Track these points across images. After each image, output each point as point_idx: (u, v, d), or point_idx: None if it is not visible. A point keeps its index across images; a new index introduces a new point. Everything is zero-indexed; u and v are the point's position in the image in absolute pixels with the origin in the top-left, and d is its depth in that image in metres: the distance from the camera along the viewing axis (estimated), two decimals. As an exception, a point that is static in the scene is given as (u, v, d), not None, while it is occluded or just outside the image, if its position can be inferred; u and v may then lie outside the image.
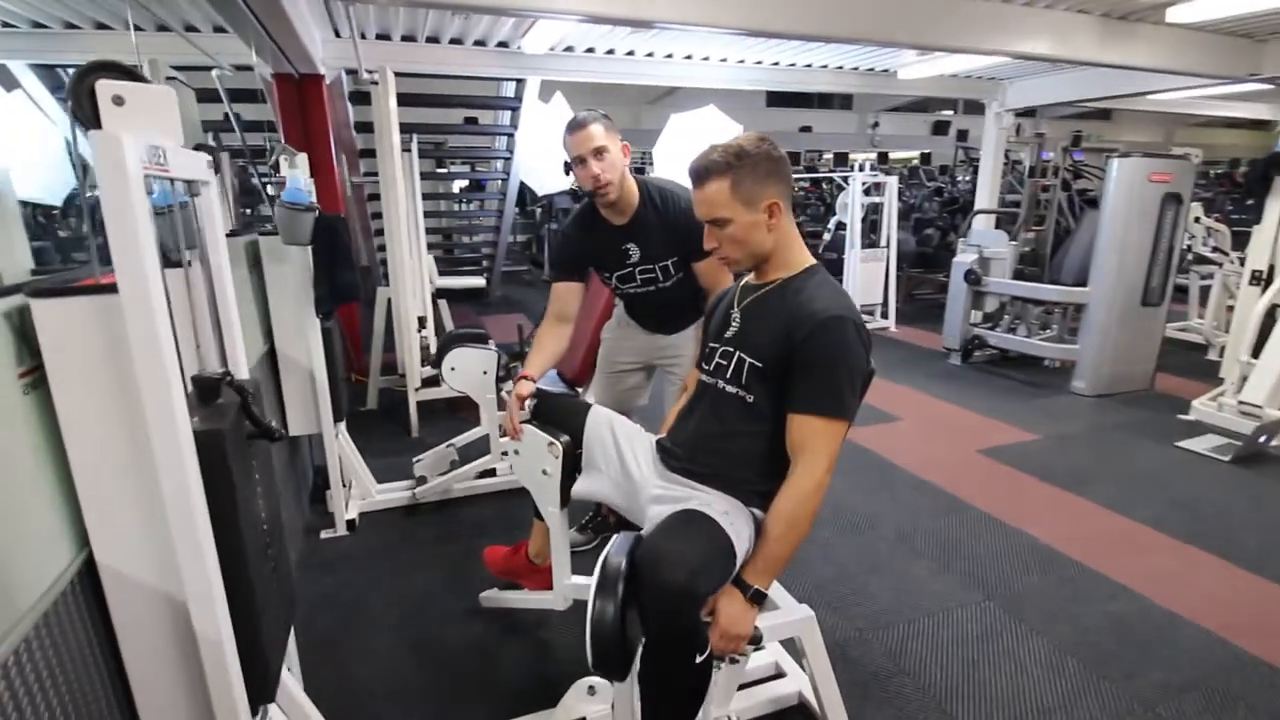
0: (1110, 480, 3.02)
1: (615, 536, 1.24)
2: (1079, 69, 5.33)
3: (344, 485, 2.64)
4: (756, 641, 1.28)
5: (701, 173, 1.31)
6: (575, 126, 1.77)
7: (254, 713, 1.12)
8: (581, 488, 1.54)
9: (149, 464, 0.93)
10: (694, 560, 1.12)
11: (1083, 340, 4.26)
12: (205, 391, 1.09)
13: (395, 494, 2.77)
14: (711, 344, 1.46)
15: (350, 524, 2.56)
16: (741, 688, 1.64)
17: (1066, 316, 4.75)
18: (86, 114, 0.99)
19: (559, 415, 1.60)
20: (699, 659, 1.14)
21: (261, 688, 1.11)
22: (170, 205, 1.19)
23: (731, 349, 1.38)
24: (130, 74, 1.04)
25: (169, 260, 1.14)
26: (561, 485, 1.57)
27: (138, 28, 3.73)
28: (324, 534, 2.53)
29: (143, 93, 1.01)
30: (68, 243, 4.05)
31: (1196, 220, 5.14)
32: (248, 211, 4.28)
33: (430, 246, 7.38)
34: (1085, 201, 5.07)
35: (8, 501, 0.87)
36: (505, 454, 1.69)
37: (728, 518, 1.25)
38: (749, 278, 1.46)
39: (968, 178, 8.92)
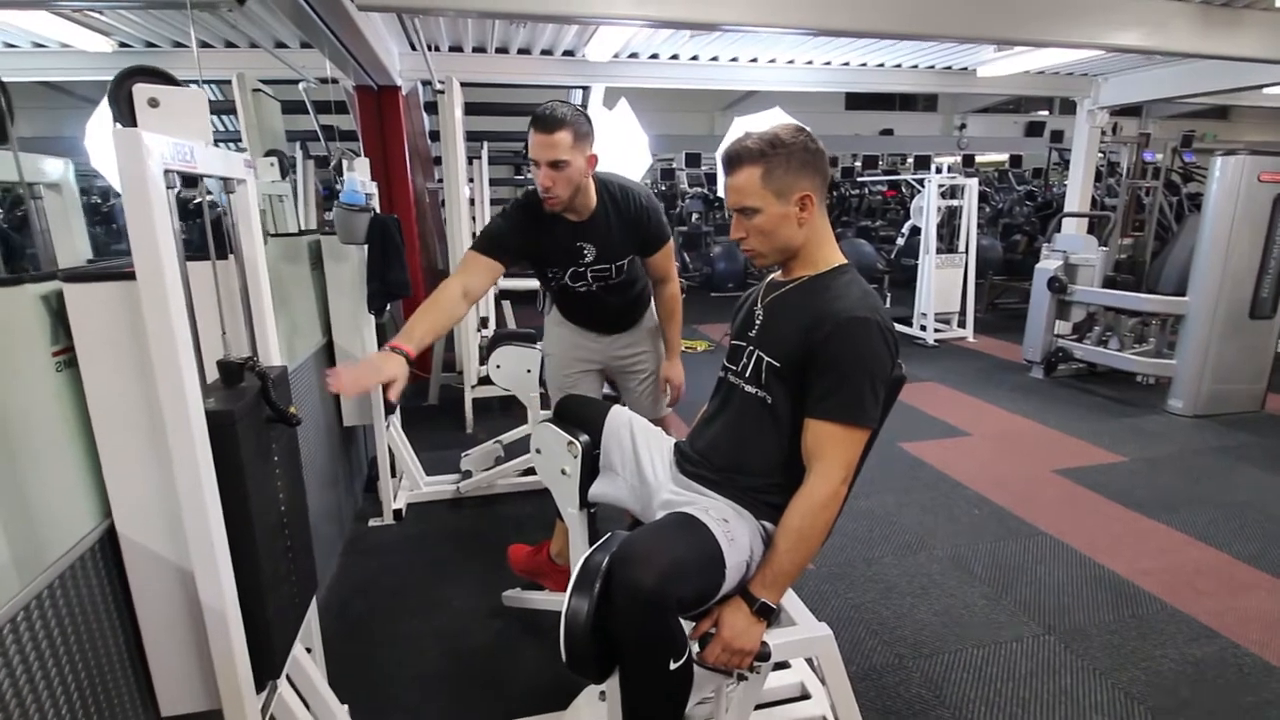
0: (1205, 509, 2.74)
1: (609, 534, 1.21)
2: (1180, 62, 4.90)
3: (393, 476, 2.73)
4: (765, 658, 1.22)
5: (733, 159, 1.27)
6: (544, 126, 1.61)
7: (261, 687, 1.16)
8: (597, 490, 1.51)
9: (167, 442, 0.97)
10: (667, 563, 1.07)
11: (1180, 355, 3.89)
12: (229, 375, 1.14)
13: (442, 487, 2.84)
14: (735, 342, 1.41)
15: (397, 514, 2.65)
16: (761, 707, 1.57)
17: (1165, 329, 4.35)
18: (125, 114, 1.05)
19: (580, 414, 1.58)
20: (675, 664, 1.08)
21: (268, 663, 1.15)
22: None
23: (752, 348, 1.33)
24: (166, 78, 1.10)
25: (211, 253, 1.21)
26: (581, 485, 1.55)
27: (231, 44, 4.02)
28: (372, 522, 2.62)
29: (176, 95, 1.07)
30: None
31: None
32: (330, 215, 4.54)
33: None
34: (1193, 206, 4.66)
35: (37, 469, 0.94)
36: (532, 453, 1.68)
37: (725, 526, 1.20)
38: (775, 274, 1.41)
39: (1065, 182, 8.37)
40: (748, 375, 1.32)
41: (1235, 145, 4.28)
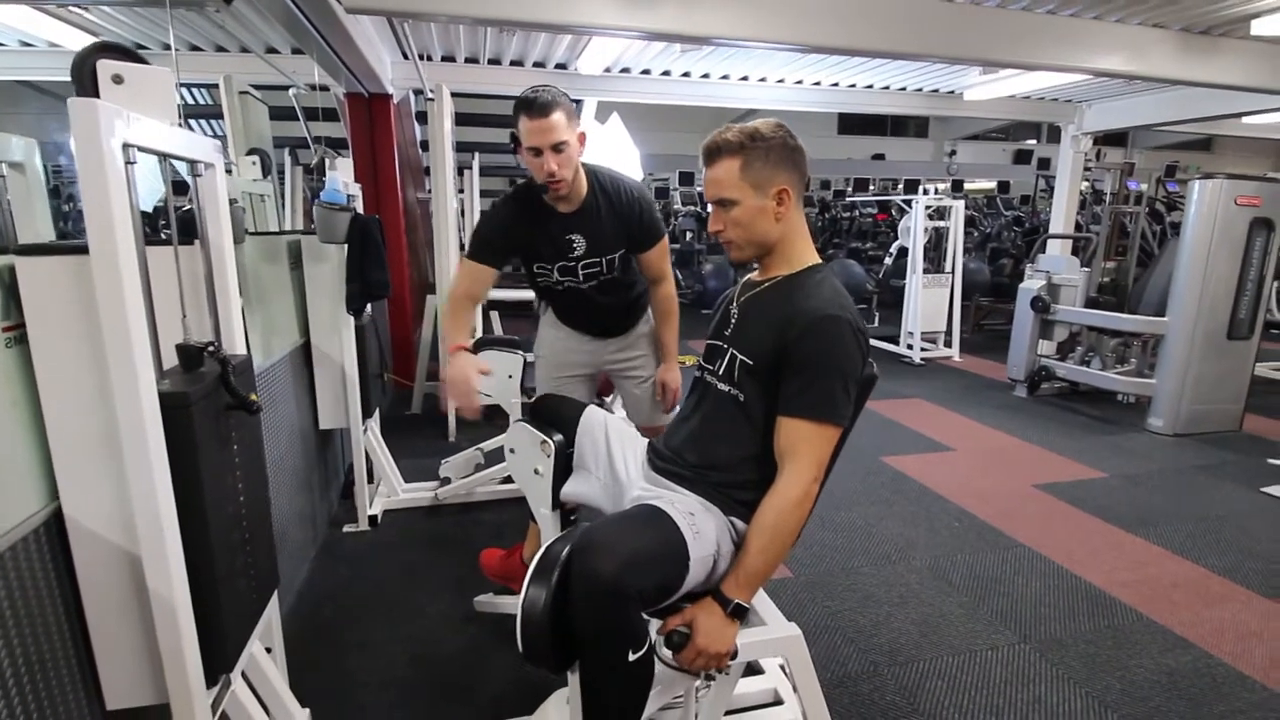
0: (1182, 523, 2.74)
1: (574, 527, 1.19)
2: (1163, 90, 5.00)
3: (370, 482, 2.69)
4: (733, 657, 1.20)
5: (713, 151, 1.27)
6: (536, 112, 1.56)
7: (213, 681, 1.12)
8: (569, 489, 1.49)
9: (119, 424, 0.95)
10: (627, 553, 1.05)
11: (1160, 374, 3.92)
12: (188, 359, 1.12)
13: (420, 493, 2.80)
14: (710, 341, 1.41)
15: (372, 519, 2.61)
16: (733, 713, 1.54)
17: (1147, 350, 4.39)
18: (88, 91, 1.04)
19: (554, 414, 1.57)
20: (634, 655, 1.06)
21: (220, 656, 1.12)
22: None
23: (727, 346, 1.32)
24: (131, 56, 1.09)
25: (174, 237, 1.20)
26: (554, 485, 1.52)
27: (221, 49, 4.02)
28: (346, 528, 2.58)
29: (142, 73, 1.07)
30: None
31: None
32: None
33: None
34: (1176, 234, 4.72)
35: (-20, 448, 0.91)
36: (506, 452, 1.64)
37: (692, 519, 1.18)
38: (752, 274, 1.41)
39: (1049, 210, 8.49)
40: (721, 373, 1.32)
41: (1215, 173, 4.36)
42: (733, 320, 1.36)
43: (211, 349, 1.13)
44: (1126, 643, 1.96)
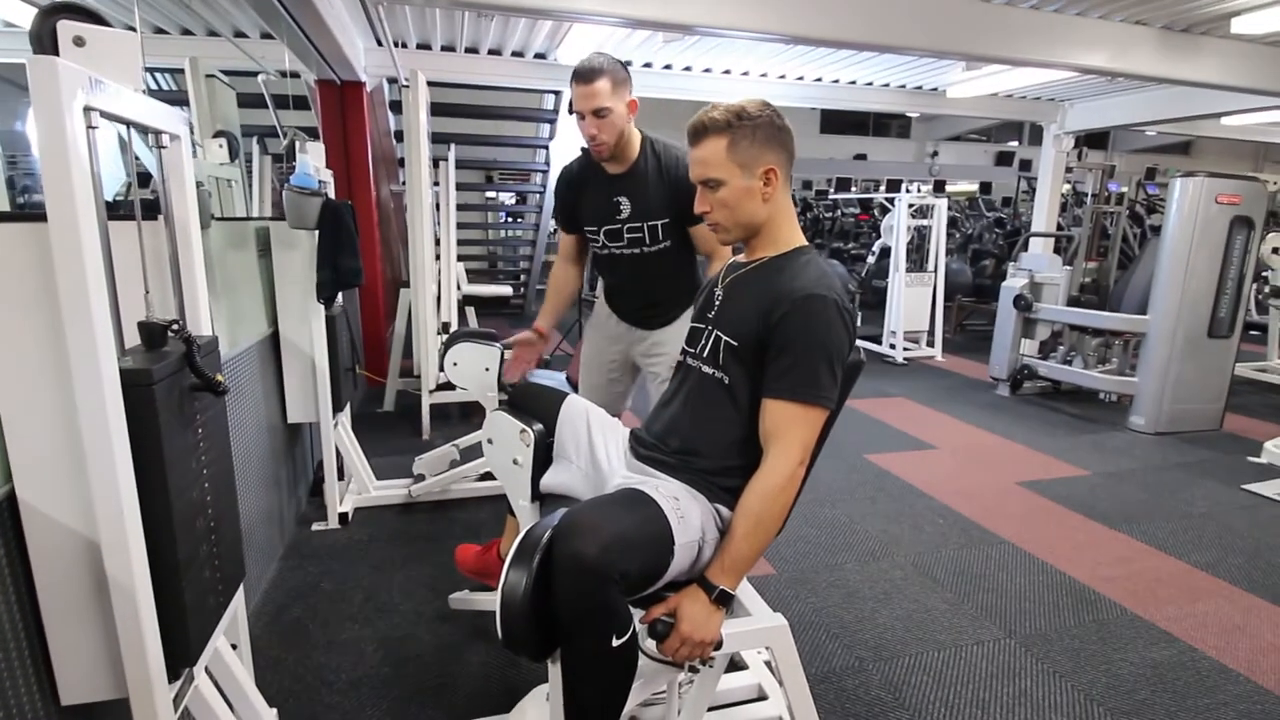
0: (1164, 520, 2.80)
1: (555, 511, 1.18)
2: (1144, 89, 5.14)
3: (341, 479, 2.65)
4: (718, 646, 1.20)
5: (699, 130, 1.27)
6: (583, 78, 1.70)
7: (175, 675, 1.10)
8: (549, 479, 1.47)
9: (76, 402, 0.92)
10: (611, 535, 1.04)
11: (1141, 373, 4.01)
12: (151, 337, 1.09)
13: (392, 491, 2.77)
14: (694, 324, 1.41)
15: (343, 517, 2.57)
16: (716, 708, 1.54)
17: (1128, 350, 4.49)
18: (48, 53, 1.01)
19: (534, 403, 1.55)
20: (618, 641, 1.05)
21: (182, 650, 1.09)
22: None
23: (711, 328, 1.33)
24: (95, 18, 1.06)
25: (138, 212, 1.17)
26: (533, 476, 1.50)
27: (187, 31, 3.95)
28: (315, 525, 2.54)
29: (104, 36, 1.04)
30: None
31: (1275, 252, 4.82)
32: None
33: (469, 258, 7.57)
34: (1152, 230, 4.85)
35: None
36: (484, 442, 1.63)
37: (676, 504, 1.18)
38: (738, 256, 1.41)
39: (1031, 212, 8.65)
40: (705, 355, 1.32)
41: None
42: (717, 301, 1.36)
43: (176, 327, 1.11)
44: (1111, 637, 1.99)
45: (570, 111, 1.82)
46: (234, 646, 1.40)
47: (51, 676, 1.05)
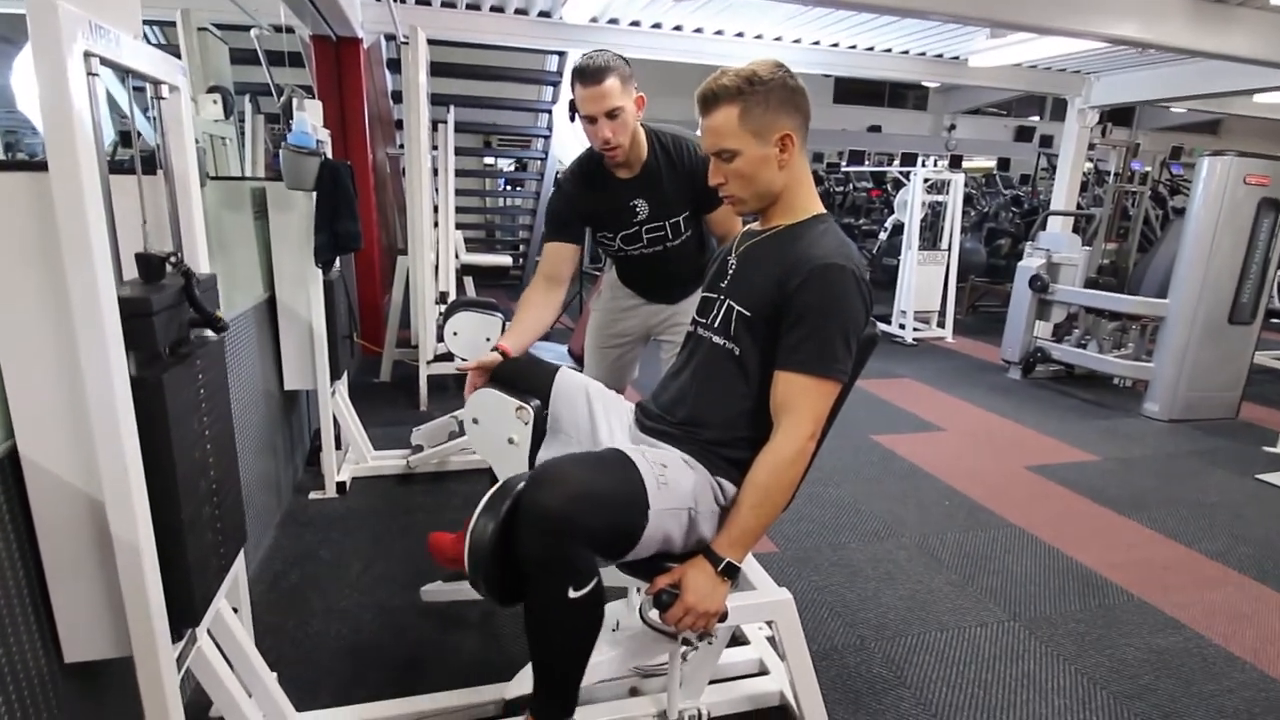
0: (1175, 507, 2.83)
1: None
2: (1174, 62, 5.07)
3: (338, 448, 2.68)
4: (722, 619, 1.23)
5: (709, 98, 1.25)
6: (589, 78, 1.62)
7: (179, 635, 1.12)
8: (544, 457, 1.42)
9: (77, 349, 0.93)
10: (577, 489, 1.09)
11: (1158, 358, 4.02)
12: (149, 269, 1.09)
13: (390, 461, 2.80)
14: (706, 293, 1.41)
15: (340, 486, 2.60)
16: (716, 682, 1.58)
17: (1145, 335, 4.50)
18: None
19: (523, 379, 1.48)
20: (575, 594, 1.10)
21: (187, 609, 1.11)
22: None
23: (722, 297, 1.33)
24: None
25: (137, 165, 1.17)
26: (530, 457, 1.44)
27: (177, -21, 3.89)
28: (312, 494, 2.57)
29: (104, -21, 1.03)
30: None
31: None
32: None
33: (465, 227, 7.53)
34: (1175, 212, 4.83)
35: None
36: (467, 423, 1.54)
37: (661, 470, 1.21)
38: (752, 224, 1.41)
39: (1050, 190, 8.57)
40: (716, 325, 1.33)
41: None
42: (730, 271, 1.37)
43: (175, 260, 1.11)
44: (1117, 622, 2.03)
45: (573, 117, 1.73)
46: (235, 610, 1.43)
47: (55, 634, 1.07)
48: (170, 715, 1.07)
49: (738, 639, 1.76)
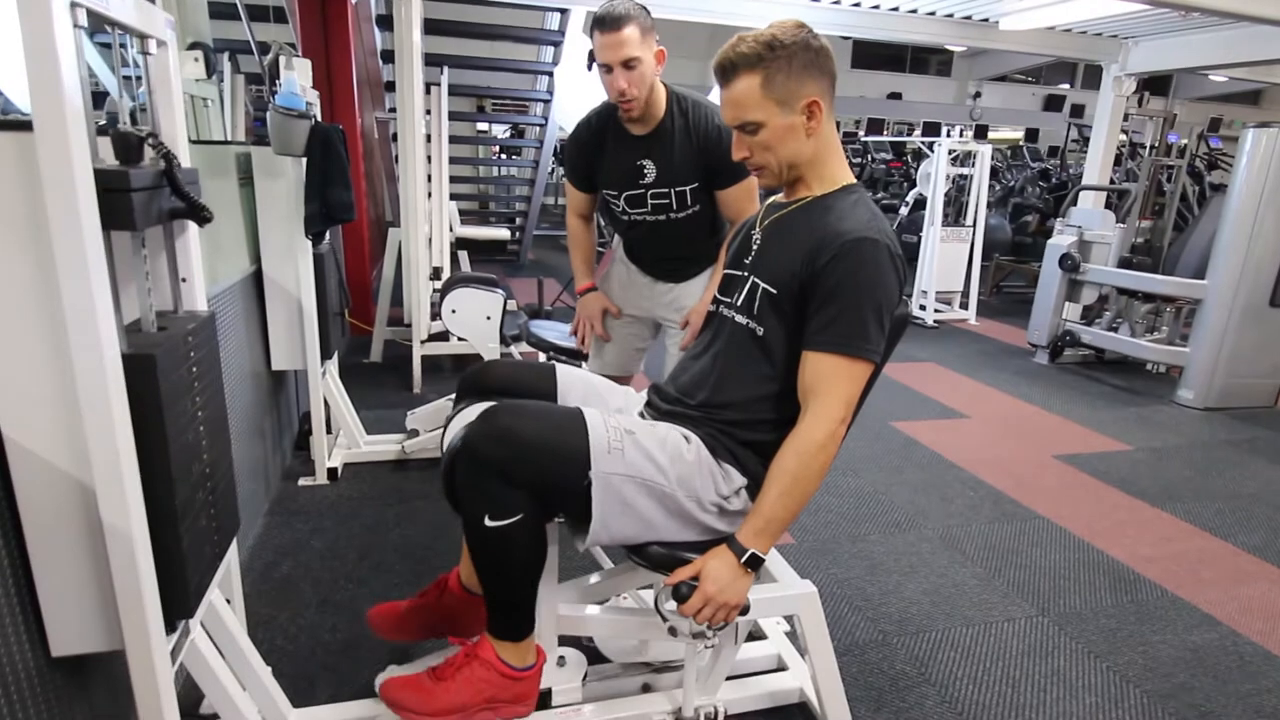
0: (1212, 500, 2.84)
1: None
2: (1219, 27, 5.00)
3: (329, 432, 2.68)
4: (744, 612, 1.23)
5: (727, 67, 1.23)
6: (608, 25, 1.64)
7: (172, 627, 1.13)
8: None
9: (62, 306, 0.92)
10: (505, 427, 1.17)
11: (1194, 343, 4.01)
12: (125, 149, 1.07)
13: (384, 446, 2.80)
14: (729, 271, 1.40)
15: (332, 473, 2.60)
16: (734, 678, 1.59)
17: (1180, 318, 4.49)
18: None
19: (524, 383, 1.46)
20: (490, 523, 1.17)
21: (181, 600, 1.11)
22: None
23: (746, 274, 1.32)
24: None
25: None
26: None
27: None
28: (302, 481, 2.57)
29: (86, -76, 1.01)
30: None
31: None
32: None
33: (458, 197, 7.49)
34: (1212, 188, 4.79)
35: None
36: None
37: (625, 435, 1.22)
38: (777, 196, 1.40)
39: (1083, 162, 8.49)
40: (740, 304, 1.32)
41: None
42: (754, 246, 1.35)
43: (153, 140, 1.08)
44: (1150, 618, 2.05)
45: (590, 65, 1.77)
46: (228, 601, 1.44)
47: (41, 627, 1.08)
48: (164, 711, 1.08)
49: (754, 634, 1.77)
